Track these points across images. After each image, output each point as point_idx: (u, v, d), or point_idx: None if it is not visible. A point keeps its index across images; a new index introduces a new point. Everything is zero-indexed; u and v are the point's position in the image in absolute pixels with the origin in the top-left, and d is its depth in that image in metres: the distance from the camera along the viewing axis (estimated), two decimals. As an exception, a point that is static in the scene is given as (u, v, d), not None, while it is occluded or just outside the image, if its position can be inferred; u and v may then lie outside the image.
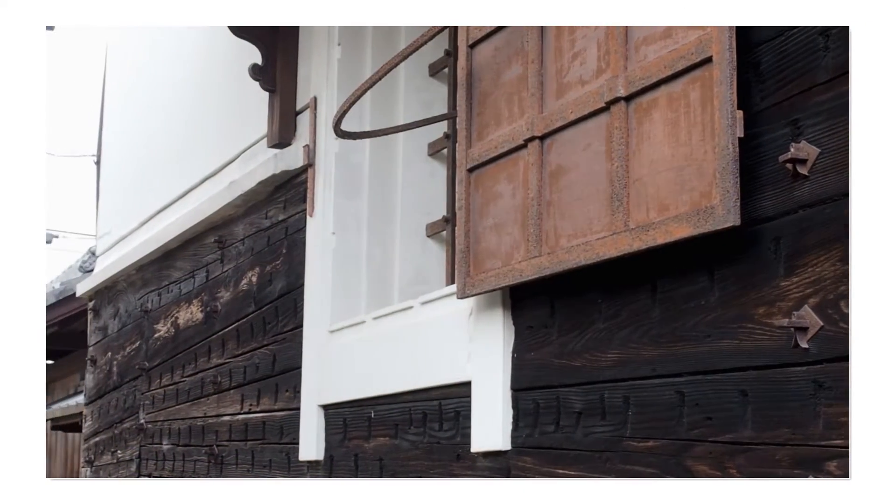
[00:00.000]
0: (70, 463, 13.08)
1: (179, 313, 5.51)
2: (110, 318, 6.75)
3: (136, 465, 5.98)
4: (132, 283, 6.33)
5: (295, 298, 4.24)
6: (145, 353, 5.96)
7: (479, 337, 3.01)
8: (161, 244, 5.67)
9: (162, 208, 5.85)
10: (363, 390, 3.68)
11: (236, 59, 4.78)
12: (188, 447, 5.23)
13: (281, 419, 4.29)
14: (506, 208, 2.79)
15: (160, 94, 6.16)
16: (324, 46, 4.19)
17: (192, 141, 5.57)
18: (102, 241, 7.13)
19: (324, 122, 4.11)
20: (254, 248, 4.69)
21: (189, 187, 5.48)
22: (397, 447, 3.46)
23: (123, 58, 7.08)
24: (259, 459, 4.47)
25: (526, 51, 2.75)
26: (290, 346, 4.25)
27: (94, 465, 6.86)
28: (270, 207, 4.56)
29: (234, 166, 4.92)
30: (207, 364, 5.08)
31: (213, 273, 5.13)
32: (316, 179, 4.13)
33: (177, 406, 5.43)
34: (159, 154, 6.09)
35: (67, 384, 13.10)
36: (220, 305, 5.00)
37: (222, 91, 5.20)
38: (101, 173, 7.52)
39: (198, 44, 5.50)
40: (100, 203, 7.43)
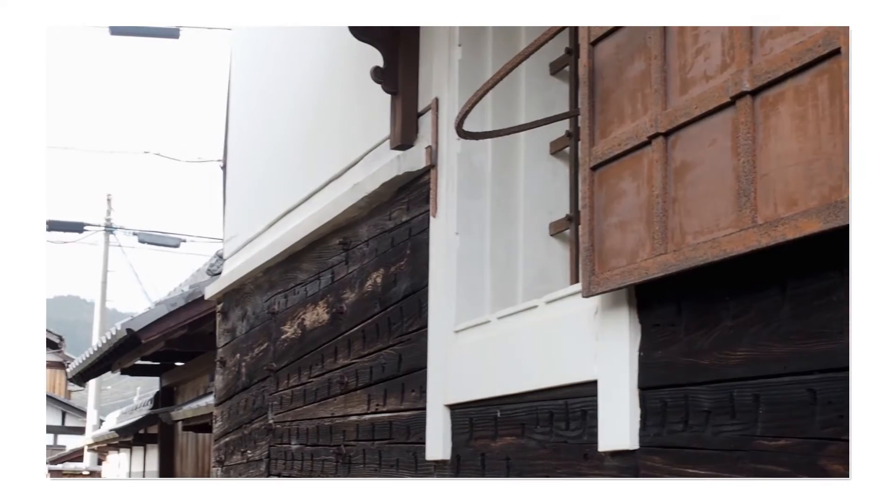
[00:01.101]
0: (201, 463, 13.32)
1: (306, 315, 5.58)
2: (238, 321, 6.87)
3: (265, 465, 6.07)
4: (259, 286, 6.43)
5: (419, 299, 4.26)
6: (273, 355, 6.05)
7: (604, 335, 2.99)
8: (287, 247, 5.75)
9: (287, 211, 5.93)
10: (489, 390, 3.69)
11: (358, 62, 4.83)
12: (316, 447, 5.30)
13: (407, 419, 4.32)
14: (630, 206, 2.77)
15: (284, 99, 6.24)
16: (444, 48, 4.21)
17: (316, 144, 5.64)
18: (229, 245, 7.26)
19: (446, 123, 4.12)
20: (378, 249, 4.73)
21: (313, 190, 5.54)
22: (524, 447, 3.45)
23: (248, 63, 7.20)
24: (386, 459, 4.50)
25: (648, 47, 2.73)
26: (415, 347, 4.28)
27: (224, 465, 6.98)
28: (394, 209, 4.59)
29: (357, 168, 4.97)
30: (334, 365, 5.13)
31: (338, 275, 5.18)
32: (439, 180, 4.15)
33: (304, 406, 5.50)
34: (284, 157, 6.18)
35: (197, 385, 13.35)
36: (345, 307, 5.05)
37: (345, 94, 5.25)
38: (227, 178, 7.65)
39: (320, 47, 5.56)
40: (226, 207, 7.57)
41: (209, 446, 9.79)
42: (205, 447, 12.63)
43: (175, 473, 14.65)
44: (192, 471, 13.72)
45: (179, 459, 14.68)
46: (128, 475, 19.51)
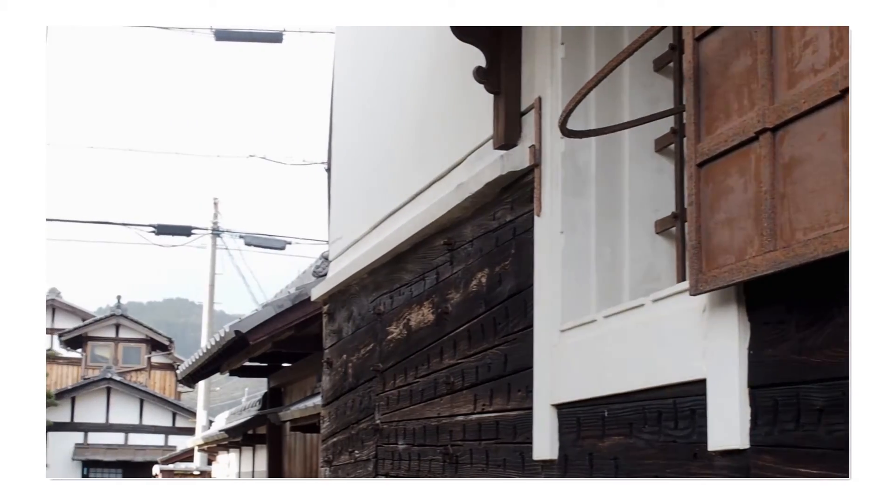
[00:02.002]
0: (309, 463, 13.46)
1: (411, 315, 5.61)
2: (344, 322, 6.93)
3: (372, 465, 6.12)
4: (364, 287, 6.48)
5: (525, 298, 4.26)
6: (379, 355, 6.09)
7: (713, 334, 2.96)
8: (391, 248, 5.79)
9: (391, 212, 5.97)
10: (596, 389, 3.67)
11: (461, 62, 4.84)
12: (423, 447, 5.32)
13: (514, 419, 4.32)
14: (738, 202, 2.74)
15: (387, 100, 6.29)
16: (547, 46, 4.20)
17: (420, 145, 5.67)
18: (335, 247, 7.32)
19: (549, 122, 4.11)
20: (482, 249, 4.74)
21: (417, 191, 5.57)
22: (632, 446, 3.43)
23: (351, 65, 7.26)
24: (493, 459, 4.51)
25: (755, 41, 2.69)
26: (521, 346, 4.28)
27: (332, 465, 7.05)
28: (498, 209, 4.59)
29: (461, 169, 4.98)
30: (440, 365, 5.15)
31: (443, 275, 5.20)
32: (543, 179, 4.14)
33: (411, 406, 5.53)
34: (388, 159, 6.22)
35: (304, 386, 13.49)
36: (450, 307, 5.07)
37: (448, 94, 5.27)
38: (331, 180, 7.73)
39: (423, 49, 5.59)
40: (331, 209, 7.64)
41: (317, 446, 9.88)
42: (312, 447, 12.76)
43: (283, 473, 14.82)
44: (300, 471, 13.87)
45: (288, 460, 14.86)
46: (237, 475, 19.80)
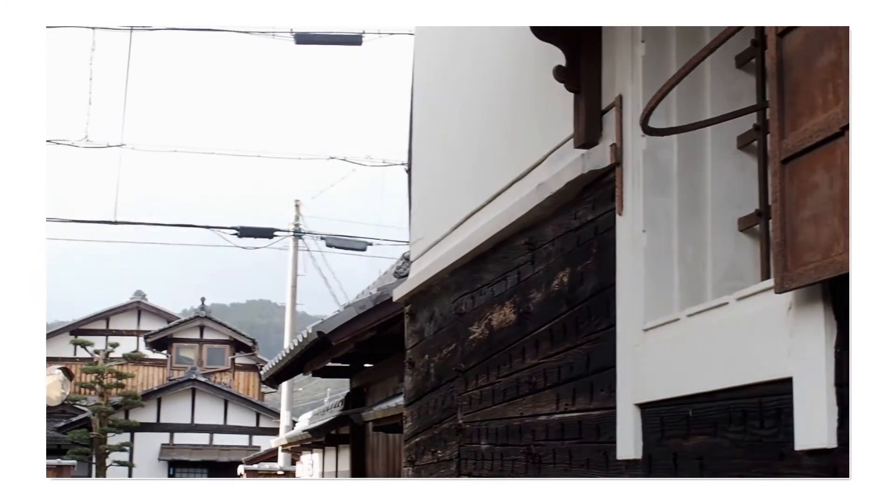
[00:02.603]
0: (391, 463, 13.51)
1: (493, 315, 5.61)
2: (426, 322, 6.95)
3: (455, 465, 6.13)
4: (446, 287, 6.49)
5: (607, 297, 4.25)
6: (461, 355, 6.11)
7: (799, 332, 2.93)
8: (472, 248, 5.79)
9: (472, 213, 5.97)
10: (679, 388, 3.65)
11: (540, 61, 4.83)
12: (506, 447, 5.33)
13: (597, 418, 4.31)
14: (823, 199, 2.70)
15: (466, 101, 6.29)
16: (627, 44, 4.18)
17: (500, 144, 5.67)
18: (416, 247, 7.35)
19: (630, 121, 4.09)
20: (564, 248, 4.73)
21: (498, 191, 5.57)
22: (717, 446, 3.40)
23: (430, 66, 7.28)
24: (576, 459, 4.50)
25: (839, 36, 2.66)
26: (603, 346, 4.26)
27: (415, 465, 7.07)
28: (579, 208, 4.58)
29: (541, 168, 4.98)
30: (522, 365, 5.15)
31: (524, 275, 5.20)
32: (624, 178, 4.12)
33: (493, 406, 5.53)
34: (467, 159, 6.23)
35: (387, 386, 13.54)
36: (532, 306, 5.07)
37: (527, 94, 5.26)
38: (412, 181, 7.75)
39: (502, 49, 5.59)
40: (412, 210, 7.67)
41: (399, 446, 9.93)
42: (395, 447, 12.81)
43: (367, 473, 14.90)
44: (383, 471, 13.93)
45: (371, 459, 14.93)
46: (320, 475, 19.94)
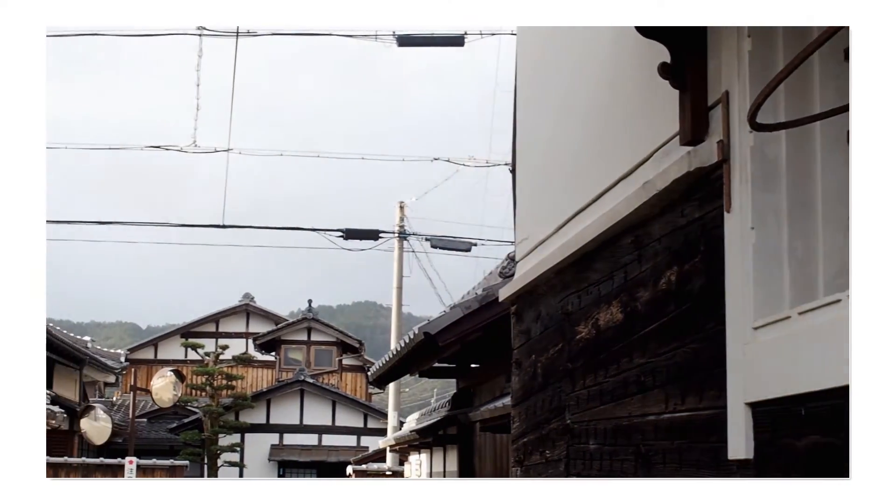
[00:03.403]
0: (499, 463, 13.53)
1: (600, 314, 5.58)
2: (532, 322, 6.94)
3: (563, 466, 6.11)
4: (552, 287, 6.48)
5: (715, 295, 4.20)
6: (568, 355, 6.09)
7: (915, 329, 2.86)
8: (578, 247, 5.77)
9: (577, 212, 5.95)
10: (791, 387, 3.59)
11: (645, 58, 4.80)
12: (615, 447, 5.30)
13: (707, 418, 4.26)
14: (939, 193, 2.64)
15: (570, 99, 6.28)
16: (733, 39, 4.13)
17: (604, 143, 5.64)
18: (521, 247, 7.34)
19: (737, 117, 4.04)
20: (671, 246, 4.69)
21: (603, 189, 5.54)
22: (831, 445, 3.35)
23: (533, 65, 7.27)
24: (686, 459, 4.45)
25: (954, 25, 2.60)
26: (712, 344, 4.21)
27: (523, 465, 7.07)
28: (686, 205, 4.54)
29: (647, 166, 4.94)
30: (630, 364, 5.12)
31: (631, 273, 5.16)
32: (732, 174, 4.08)
33: (601, 406, 5.50)
34: (572, 158, 6.21)
35: (493, 386, 13.56)
36: (639, 305, 5.03)
37: (631, 91, 5.23)
38: (516, 180, 7.75)
39: (605, 46, 5.56)
40: (517, 210, 7.66)
41: (507, 446, 9.93)
42: (503, 447, 12.82)
43: (474, 473, 14.93)
44: (490, 471, 13.95)
45: (478, 460, 14.96)
46: (428, 475, 20.03)
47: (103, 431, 22.70)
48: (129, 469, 22.62)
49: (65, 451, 28.53)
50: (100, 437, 22.72)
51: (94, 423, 22.35)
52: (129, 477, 22.42)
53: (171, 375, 22.70)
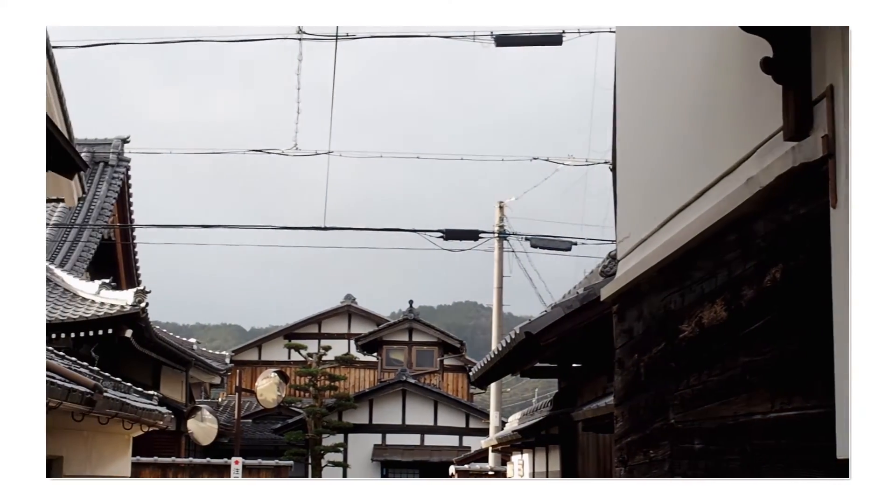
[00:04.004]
0: (602, 463, 13.46)
1: (703, 313, 5.53)
2: (634, 321, 6.89)
3: (668, 465, 6.06)
4: (654, 285, 6.43)
5: (822, 293, 4.13)
6: (671, 354, 6.03)
7: None
8: (681, 245, 5.72)
9: (679, 209, 5.90)
10: (902, 386, 3.52)
11: (745, 54, 4.74)
12: (720, 447, 5.24)
13: (814, 417, 4.19)
14: None
15: (671, 96, 6.23)
16: (837, 32, 4.05)
17: (705, 140, 5.59)
18: (622, 245, 7.30)
19: (842, 111, 3.97)
20: (776, 243, 4.62)
21: (705, 186, 5.49)
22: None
23: (633, 62, 7.22)
24: (794, 459, 4.39)
25: None
26: (819, 343, 4.14)
27: (627, 466, 7.02)
28: (791, 201, 4.47)
29: (750, 162, 4.88)
30: (735, 363, 5.05)
31: (735, 271, 5.10)
32: (837, 169, 4.01)
33: (706, 406, 5.45)
34: (674, 155, 6.16)
35: (596, 386, 13.50)
36: (744, 303, 4.97)
37: (732, 87, 5.17)
38: (616, 179, 7.71)
39: (706, 41, 5.51)
40: (617, 208, 7.62)
41: (610, 446, 9.88)
42: (606, 447, 12.76)
43: (577, 473, 14.88)
44: (594, 471, 13.89)
45: (581, 459, 14.90)
46: (531, 475, 20.01)
47: (210, 432, 23.06)
48: (235, 469, 22.95)
49: (173, 452, 29.07)
50: (206, 437, 23.07)
51: (200, 424, 22.71)
52: (235, 477, 22.75)
53: (275, 376, 22.97)
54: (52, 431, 11.22)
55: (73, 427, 12.22)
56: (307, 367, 36.06)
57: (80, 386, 10.93)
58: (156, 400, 16.70)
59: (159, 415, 15.45)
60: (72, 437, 12.75)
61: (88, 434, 13.55)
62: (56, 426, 11.27)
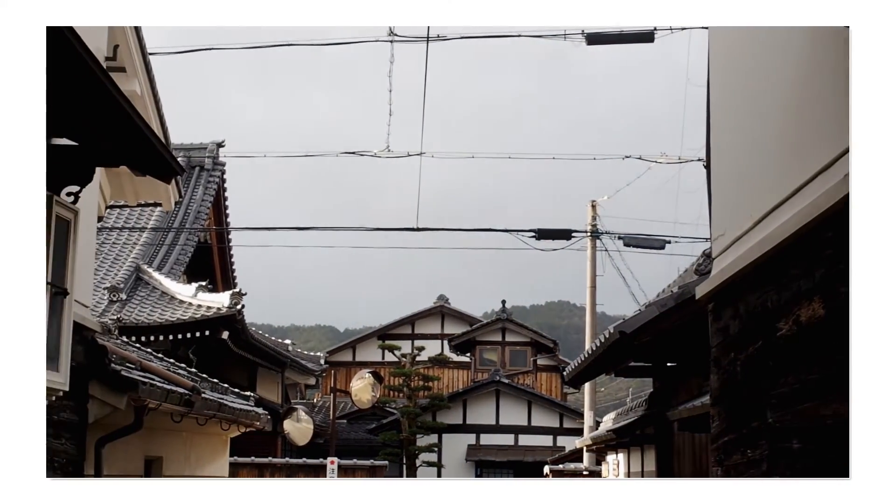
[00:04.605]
0: (698, 462, 13.34)
1: (801, 311, 5.45)
2: (730, 319, 6.82)
3: (765, 466, 5.99)
4: (750, 283, 6.35)
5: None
6: (769, 352, 5.96)
7: None
8: (776, 242, 5.66)
9: (775, 206, 5.83)
10: None
11: (842, 50, 4.67)
12: (819, 447, 5.16)
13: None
14: None
15: (766, 92, 6.16)
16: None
17: (801, 136, 5.52)
18: (717, 243, 7.23)
19: (943, 103, 3.89)
20: (874, 240, 4.54)
21: (800, 184, 5.42)
22: None
23: (726, 59, 7.15)
24: None
25: None
26: (921, 340, 4.07)
27: (724, 465, 6.95)
28: (890, 197, 4.39)
29: (846, 159, 4.81)
30: (833, 361, 4.98)
31: (832, 268, 5.03)
32: (938, 164, 3.93)
33: (804, 405, 5.38)
34: (769, 152, 6.09)
35: (691, 385, 13.38)
36: (842, 301, 4.89)
37: (829, 83, 5.10)
38: (710, 176, 7.63)
39: (798, 39, 5.43)
40: (712, 206, 7.55)
41: (706, 446, 9.78)
42: (702, 447, 12.64)
43: (673, 473, 14.76)
44: (689, 471, 13.77)
45: (677, 459, 14.78)
46: (626, 475, 19.89)
47: (306, 432, 23.26)
48: (331, 469, 23.15)
49: (269, 452, 29.42)
50: (302, 437, 23.28)
51: (296, 425, 22.92)
52: (331, 477, 22.95)
53: (370, 377, 23.12)
54: (152, 432, 11.43)
55: (172, 428, 12.42)
56: (401, 368, 36.24)
57: (179, 387, 11.10)
58: (252, 401, 16.90)
59: (256, 415, 15.63)
60: (171, 437, 12.96)
61: (187, 435, 13.77)
62: (156, 427, 11.46)
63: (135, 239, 28.88)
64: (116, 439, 9.82)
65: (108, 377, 9.28)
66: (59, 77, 5.53)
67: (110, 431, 9.69)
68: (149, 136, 6.15)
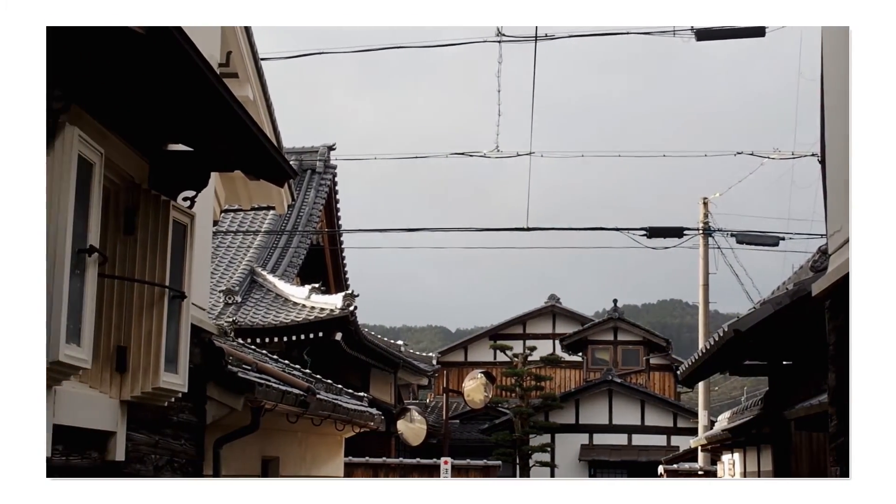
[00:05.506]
0: (816, 462, 13.12)
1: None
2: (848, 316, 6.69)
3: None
4: (868, 280, 6.23)
5: None
6: (888, 350, 5.84)
7: None
8: (895, 238, 5.54)
9: (893, 201, 5.71)
10: None
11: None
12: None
13: None
14: None
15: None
16: None
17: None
18: (833, 239, 7.11)
19: None
20: None
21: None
22: None
23: (840, 54, 7.02)
24: None
25: None
26: None
27: (843, 465, 6.82)
28: None
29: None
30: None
31: (954, 263, 4.91)
32: None
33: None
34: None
35: (808, 384, 13.17)
36: (964, 297, 4.78)
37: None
38: (825, 171, 7.51)
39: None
40: (827, 201, 7.42)
41: (825, 445, 9.61)
42: (820, 447, 12.42)
43: (790, 473, 14.53)
44: (807, 471, 13.54)
45: (794, 459, 14.55)
46: (741, 475, 19.64)
47: (419, 432, 23.36)
48: (445, 469, 23.20)
49: (383, 452, 29.61)
50: (416, 438, 23.39)
51: (409, 425, 23.03)
52: (445, 477, 23.02)
53: (482, 377, 23.14)
54: (268, 433, 11.58)
55: (287, 429, 12.57)
56: (513, 368, 36.22)
57: (294, 388, 11.23)
58: (366, 401, 17.04)
59: (370, 416, 15.75)
60: (287, 438, 13.12)
61: (303, 435, 13.92)
62: (272, 428, 11.62)
63: (249, 242, 29.28)
64: (234, 440, 9.96)
65: (225, 379, 9.41)
66: (174, 84, 5.64)
67: (228, 432, 9.83)
68: (262, 141, 6.25)
